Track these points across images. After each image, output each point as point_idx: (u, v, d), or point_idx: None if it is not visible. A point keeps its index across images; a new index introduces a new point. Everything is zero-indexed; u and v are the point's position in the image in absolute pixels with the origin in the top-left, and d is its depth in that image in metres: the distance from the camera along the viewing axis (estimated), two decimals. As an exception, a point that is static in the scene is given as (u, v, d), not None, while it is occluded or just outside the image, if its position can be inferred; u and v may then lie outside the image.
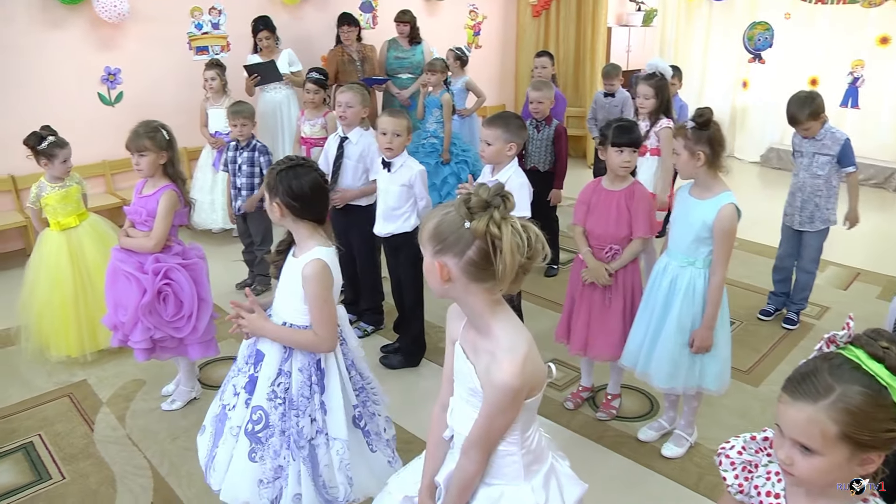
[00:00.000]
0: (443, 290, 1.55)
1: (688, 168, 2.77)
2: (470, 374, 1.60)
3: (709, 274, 2.80)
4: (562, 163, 4.81)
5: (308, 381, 2.23)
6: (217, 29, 6.47)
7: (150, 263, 3.16)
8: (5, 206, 5.44)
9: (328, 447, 2.23)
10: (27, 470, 3.07)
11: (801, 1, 7.88)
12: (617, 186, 3.13)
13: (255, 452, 2.23)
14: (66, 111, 5.55)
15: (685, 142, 2.74)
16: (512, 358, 1.49)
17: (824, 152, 4.00)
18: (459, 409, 1.68)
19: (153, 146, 3.12)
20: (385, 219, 3.71)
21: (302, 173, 2.20)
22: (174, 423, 3.39)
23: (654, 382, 2.97)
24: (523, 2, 8.96)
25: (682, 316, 2.83)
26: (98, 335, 3.82)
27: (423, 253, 1.55)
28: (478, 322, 1.58)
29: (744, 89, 8.68)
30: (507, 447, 1.62)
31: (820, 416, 1.20)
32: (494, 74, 9.07)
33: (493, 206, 1.45)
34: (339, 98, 3.99)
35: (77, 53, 5.68)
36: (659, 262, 2.98)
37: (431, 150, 5.74)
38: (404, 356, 3.90)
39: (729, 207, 2.71)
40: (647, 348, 2.95)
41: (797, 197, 4.16)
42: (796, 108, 3.95)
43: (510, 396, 1.50)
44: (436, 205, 4.57)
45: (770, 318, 4.45)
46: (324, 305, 2.19)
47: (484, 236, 1.44)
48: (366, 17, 7.59)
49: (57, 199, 3.79)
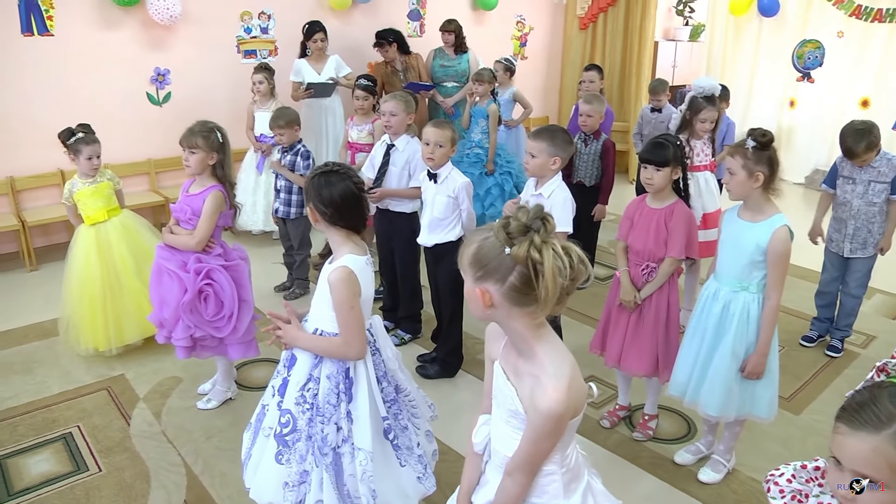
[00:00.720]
0: (485, 315, 1.53)
1: (743, 188, 2.70)
2: (511, 396, 1.58)
3: (763, 298, 2.74)
4: (608, 178, 4.78)
5: (335, 389, 2.22)
6: (266, 33, 6.55)
7: (192, 263, 3.19)
8: (54, 199, 5.56)
9: (353, 457, 2.22)
10: (66, 460, 3.13)
11: (856, 19, 7.71)
12: (658, 204, 3.10)
13: (281, 455, 2.24)
14: (115, 110, 5.68)
15: (744, 161, 2.66)
16: (557, 384, 1.47)
17: (881, 180, 3.89)
18: (499, 429, 1.67)
19: (205, 145, 3.16)
20: (430, 229, 3.71)
21: (335, 181, 2.20)
22: (209, 422, 3.42)
23: (706, 411, 2.89)
24: (570, 14, 8.93)
25: (736, 342, 2.76)
26: (124, 330, 3.89)
27: (464, 278, 1.53)
28: (521, 345, 1.56)
29: (791, 108, 8.51)
30: (549, 466, 1.61)
31: (885, 446, 1.16)
32: (539, 86, 9.05)
33: (533, 230, 1.42)
34: (382, 107, 4.02)
35: (129, 53, 5.79)
36: (707, 288, 2.91)
37: (476, 161, 5.73)
38: (441, 366, 3.88)
39: (783, 230, 2.65)
40: (697, 376, 2.88)
41: (849, 224, 4.03)
42: (853, 140, 3.80)
43: (555, 422, 1.49)
44: (478, 216, 4.59)
45: (813, 345, 4.35)
46: (349, 312, 2.18)
47: (525, 262, 1.41)
48: (413, 25, 7.63)
49: (87, 194, 3.86)
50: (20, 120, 5.37)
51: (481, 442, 1.74)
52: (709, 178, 4.45)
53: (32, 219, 5.33)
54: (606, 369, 3.55)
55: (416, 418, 2.43)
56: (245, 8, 6.37)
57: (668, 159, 3.00)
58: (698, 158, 4.41)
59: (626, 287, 3.14)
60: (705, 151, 4.42)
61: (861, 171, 3.92)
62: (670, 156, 3.00)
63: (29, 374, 3.83)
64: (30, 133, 5.41)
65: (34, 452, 3.17)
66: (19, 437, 3.28)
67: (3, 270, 5.34)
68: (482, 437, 1.74)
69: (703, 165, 4.42)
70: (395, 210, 4.07)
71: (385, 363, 2.36)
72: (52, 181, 5.57)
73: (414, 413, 2.43)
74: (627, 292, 3.13)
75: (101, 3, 5.54)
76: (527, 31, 8.76)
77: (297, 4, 6.62)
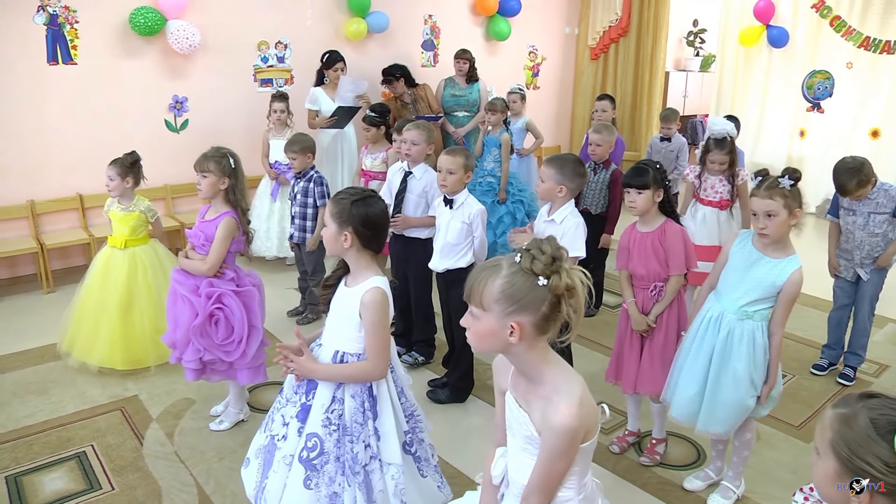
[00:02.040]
0: (506, 346, 1.57)
1: (783, 228, 2.67)
2: (525, 422, 1.62)
3: (769, 332, 2.78)
4: (615, 207, 4.81)
5: (361, 408, 2.26)
6: (282, 62, 6.69)
7: (204, 287, 3.25)
8: (72, 223, 5.68)
9: (382, 473, 2.26)
10: (80, 478, 3.16)
11: (864, 50, 7.78)
12: (648, 227, 3.17)
13: (310, 479, 2.25)
14: (134, 136, 5.78)
15: (785, 201, 2.64)
16: (569, 401, 1.53)
17: (880, 211, 3.91)
18: (516, 458, 1.69)
19: (216, 169, 3.23)
20: (442, 255, 3.76)
21: (373, 203, 2.28)
22: (221, 443, 3.45)
23: (715, 430, 2.92)
24: (582, 44, 9.05)
25: (751, 369, 2.78)
26: (135, 353, 4.00)
27: (478, 315, 1.56)
28: (531, 371, 1.61)
29: (801, 139, 8.55)
30: (566, 492, 1.63)
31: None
32: (551, 116, 9.14)
33: (558, 260, 1.50)
34: (404, 135, 4.06)
35: (148, 82, 5.93)
36: (710, 309, 2.92)
37: (488, 189, 5.80)
38: (452, 391, 3.91)
39: (800, 272, 2.69)
40: (707, 400, 2.88)
41: (855, 255, 4.06)
42: (845, 178, 3.81)
43: (569, 438, 1.52)
44: (490, 244, 4.62)
45: (824, 373, 4.34)
46: (383, 332, 2.24)
47: (563, 291, 1.50)
48: (427, 55, 7.76)
49: (116, 218, 4.00)
50: (42, 145, 5.50)
51: (499, 475, 1.78)
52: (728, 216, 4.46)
53: (51, 242, 5.42)
54: (616, 395, 3.57)
55: (423, 432, 2.47)
56: (262, 37, 6.51)
57: (647, 183, 3.06)
58: (706, 193, 4.47)
59: (635, 318, 3.19)
60: (717, 189, 4.44)
61: (860, 203, 3.95)
62: (650, 179, 3.06)
63: (45, 394, 3.88)
64: (51, 158, 5.55)
65: (49, 470, 3.21)
66: (34, 455, 3.32)
67: (22, 292, 5.43)
68: (500, 470, 1.77)
69: (712, 201, 4.45)
70: (409, 235, 4.12)
71: (401, 379, 2.41)
72: (70, 205, 5.69)
73: (422, 427, 2.47)
74: (639, 323, 3.18)
75: (124, 33, 5.69)
76: (539, 61, 8.88)
77: (314, 34, 6.76)
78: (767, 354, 2.80)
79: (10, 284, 5.53)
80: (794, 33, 8.29)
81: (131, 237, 4.04)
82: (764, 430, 3.65)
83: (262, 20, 6.45)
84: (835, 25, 7.95)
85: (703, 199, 4.49)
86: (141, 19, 5.60)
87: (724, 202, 4.44)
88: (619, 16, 8.64)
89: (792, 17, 8.29)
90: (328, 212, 2.30)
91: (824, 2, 7.99)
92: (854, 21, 7.82)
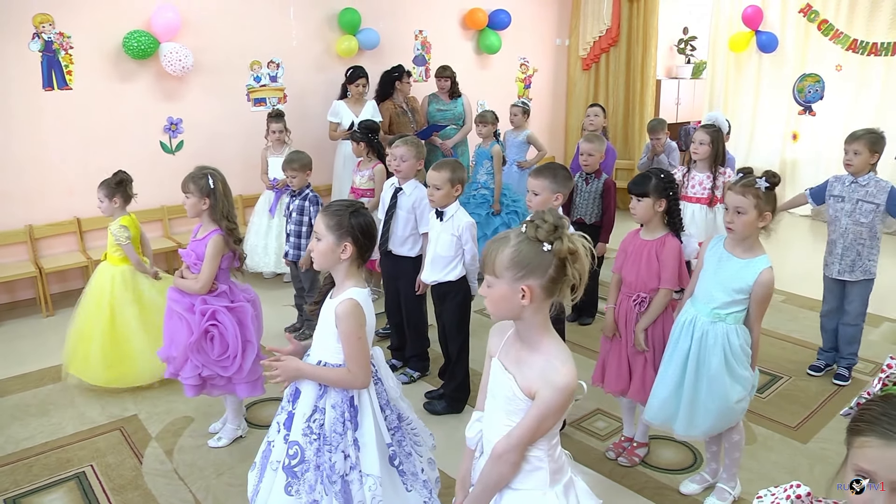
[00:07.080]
0: (517, 311, 1.68)
1: (749, 227, 2.72)
2: (508, 383, 1.73)
3: (740, 330, 2.80)
4: (609, 217, 4.84)
5: (341, 418, 2.28)
6: (275, 81, 6.75)
7: (198, 305, 3.29)
8: (70, 246, 5.72)
9: (361, 484, 2.27)
10: (79, 498, 3.18)
11: (853, 53, 7.83)
12: (650, 236, 3.18)
13: (290, 486, 2.29)
14: (130, 158, 5.79)
15: (757, 201, 2.69)
16: (568, 364, 1.68)
17: (869, 199, 3.96)
18: (492, 420, 1.80)
19: (195, 190, 3.27)
20: (433, 266, 3.79)
21: (365, 213, 2.35)
22: (220, 460, 3.47)
23: (695, 435, 2.95)
24: (573, 55, 9.12)
25: (724, 370, 2.80)
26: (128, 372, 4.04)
27: (492, 283, 1.69)
28: (531, 336, 1.72)
29: (794, 142, 8.60)
30: (536, 452, 1.74)
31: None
32: (545, 127, 9.19)
33: (560, 228, 1.63)
34: (393, 151, 4.09)
35: (143, 104, 5.99)
36: (685, 313, 2.95)
37: (482, 201, 5.84)
38: (448, 402, 3.93)
39: (769, 272, 2.72)
40: (685, 409, 2.90)
41: (837, 244, 4.09)
42: (862, 131, 3.96)
43: (567, 395, 1.66)
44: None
45: (820, 374, 4.35)
46: (357, 342, 2.26)
47: (566, 254, 1.62)
48: (419, 70, 7.82)
49: (110, 230, 4.09)
50: (39, 170, 5.56)
51: (473, 437, 1.90)
52: (716, 213, 4.50)
53: (49, 266, 5.46)
54: (612, 403, 3.60)
55: (419, 446, 2.49)
56: (254, 57, 6.57)
57: (647, 191, 3.08)
58: (693, 190, 4.53)
59: (608, 323, 3.30)
60: (704, 185, 4.50)
61: (851, 188, 4.00)
62: (650, 187, 3.08)
63: (44, 416, 3.90)
64: (48, 183, 5.60)
65: (48, 492, 3.23)
66: (34, 476, 3.34)
67: (21, 316, 5.46)
68: (475, 433, 1.89)
69: (700, 198, 4.50)
70: (398, 254, 4.16)
71: (387, 392, 2.43)
72: (68, 229, 5.73)
73: (416, 441, 2.49)
74: (608, 328, 3.30)
75: (118, 57, 5.76)
76: (531, 73, 8.94)
77: (305, 52, 6.83)
78: (746, 356, 2.83)
79: (9, 309, 5.56)
80: (783, 38, 8.35)
81: (112, 255, 4.12)
82: (760, 432, 3.67)
83: (253, 41, 6.52)
84: (822, 29, 8.01)
85: (691, 197, 4.54)
86: (134, 43, 5.67)
87: (717, 199, 4.50)
88: (609, 26, 8.70)
89: (780, 22, 8.35)
90: (323, 225, 2.29)
91: (811, 6, 8.06)
92: (841, 24, 7.89)
